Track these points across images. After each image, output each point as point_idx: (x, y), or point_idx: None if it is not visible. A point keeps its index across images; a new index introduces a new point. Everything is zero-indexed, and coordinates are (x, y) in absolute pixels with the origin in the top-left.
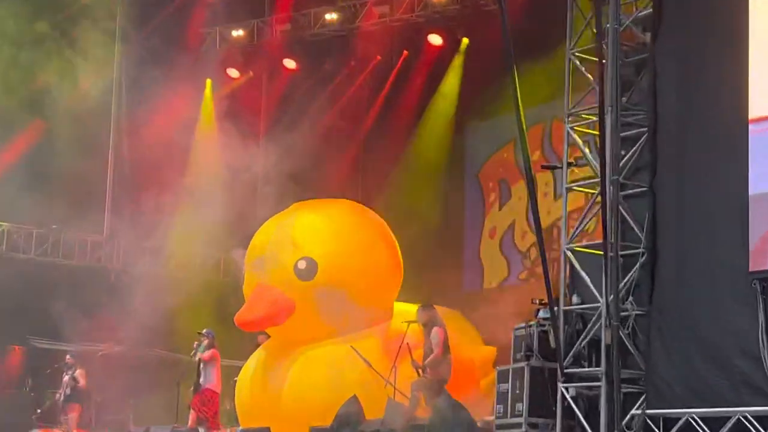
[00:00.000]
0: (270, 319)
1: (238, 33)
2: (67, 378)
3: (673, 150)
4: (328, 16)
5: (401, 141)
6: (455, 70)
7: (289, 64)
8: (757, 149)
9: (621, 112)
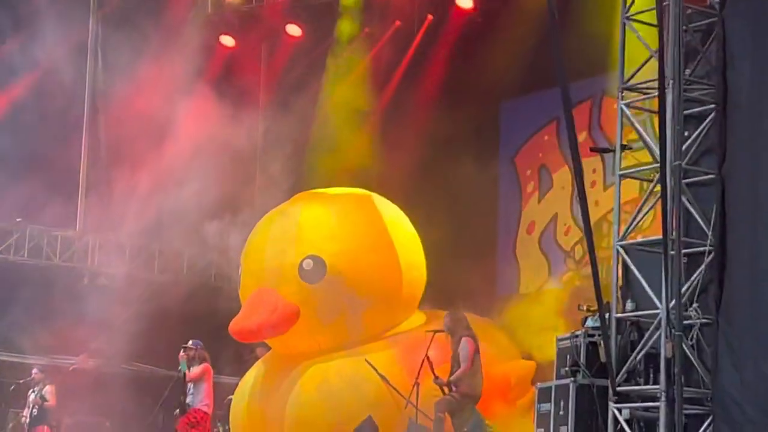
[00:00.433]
0: (270, 327)
1: None
2: (33, 396)
3: (746, 130)
4: None
5: (423, 120)
6: (487, 38)
7: (293, 30)
8: None
9: (684, 86)
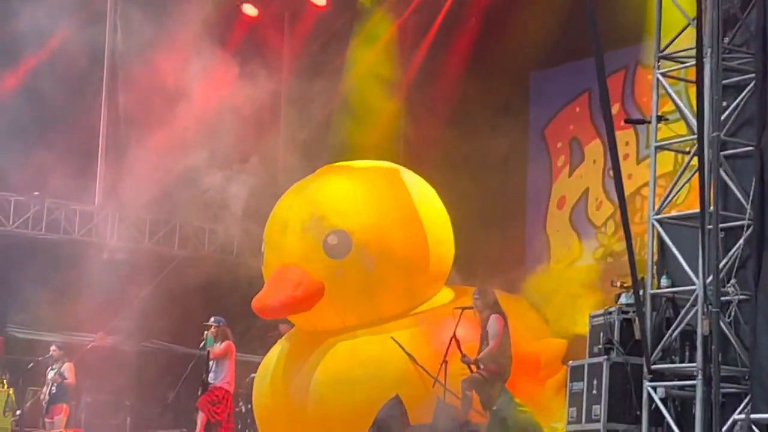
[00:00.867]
0: (294, 304)
1: None
2: (52, 374)
3: None
4: None
5: (450, 91)
6: (518, 6)
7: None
8: None
9: (723, 54)
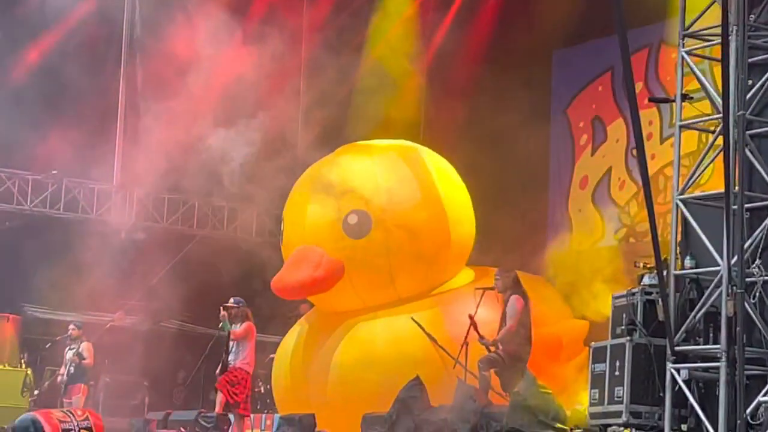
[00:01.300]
0: (314, 284)
1: None
2: (70, 354)
3: None
4: None
5: (472, 71)
6: None
7: None
8: None
9: (749, 32)
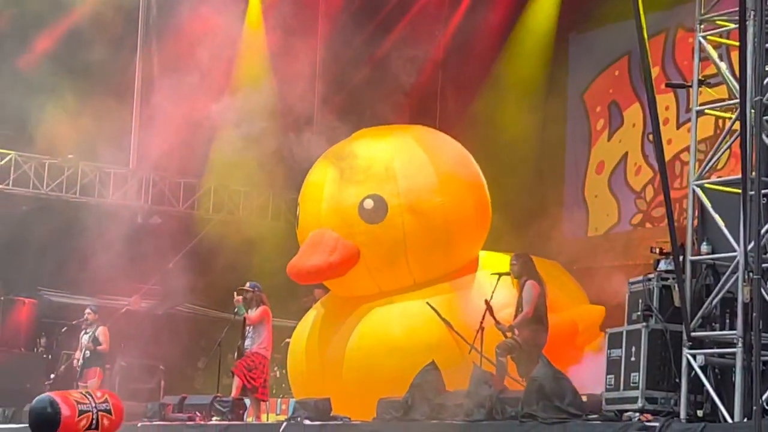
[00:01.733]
0: (329, 269)
1: None
2: (86, 338)
3: None
4: None
5: (488, 56)
6: None
7: None
8: None
9: (766, 17)
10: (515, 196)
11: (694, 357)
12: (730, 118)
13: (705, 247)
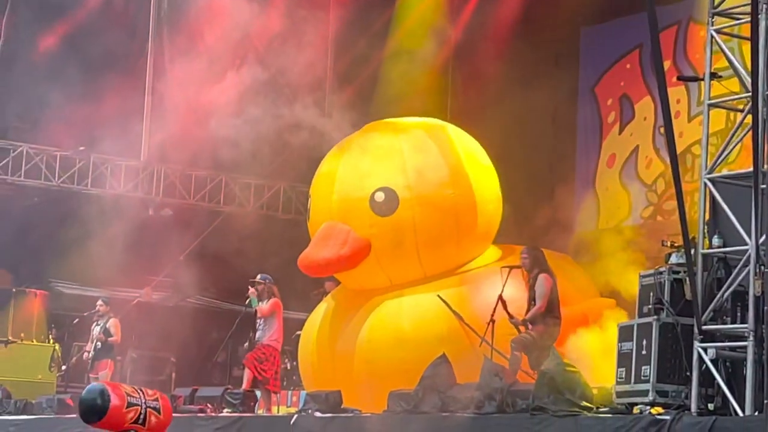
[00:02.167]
0: (340, 261)
1: None
2: (97, 330)
3: None
4: None
5: (500, 47)
6: None
7: None
8: None
9: None
10: (526, 189)
11: (705, 350)
12: (742, 112)
13: (716, 241)
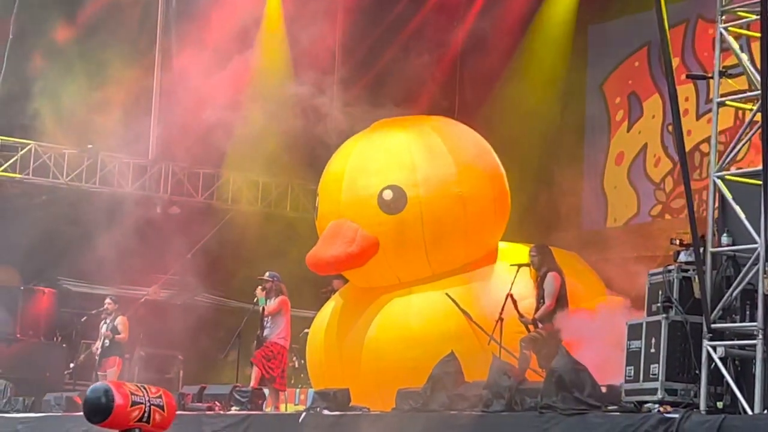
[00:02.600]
0: (348, 259)
1: None
2: (105, 327)
3: None
4: None
5: (508, 46)
6: None
7: None
8: None
9: None
10: (534, 187)
11: (714, 348)
12: (751, 110)
13: (725, 239)
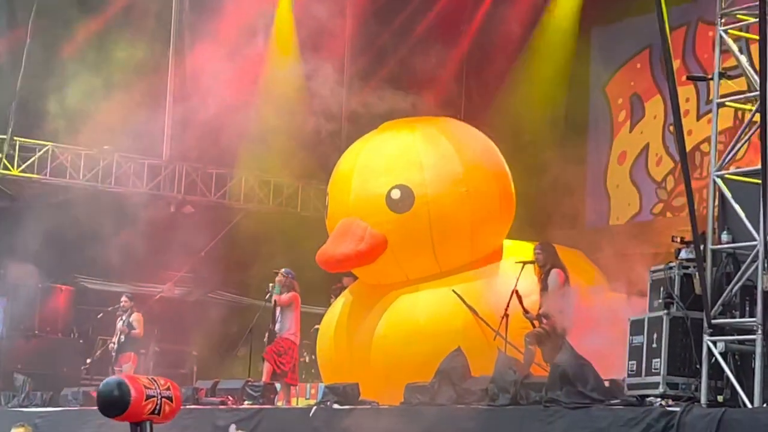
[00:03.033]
0: (357, 257)
1: None
2: (121, 324)
3: None
4: None
5: (512, 48)
6: None
7: None
8: None
9: None
10: (538, 186)
11: (715, 344)
12: (750, 110)
13: (725, 236)
